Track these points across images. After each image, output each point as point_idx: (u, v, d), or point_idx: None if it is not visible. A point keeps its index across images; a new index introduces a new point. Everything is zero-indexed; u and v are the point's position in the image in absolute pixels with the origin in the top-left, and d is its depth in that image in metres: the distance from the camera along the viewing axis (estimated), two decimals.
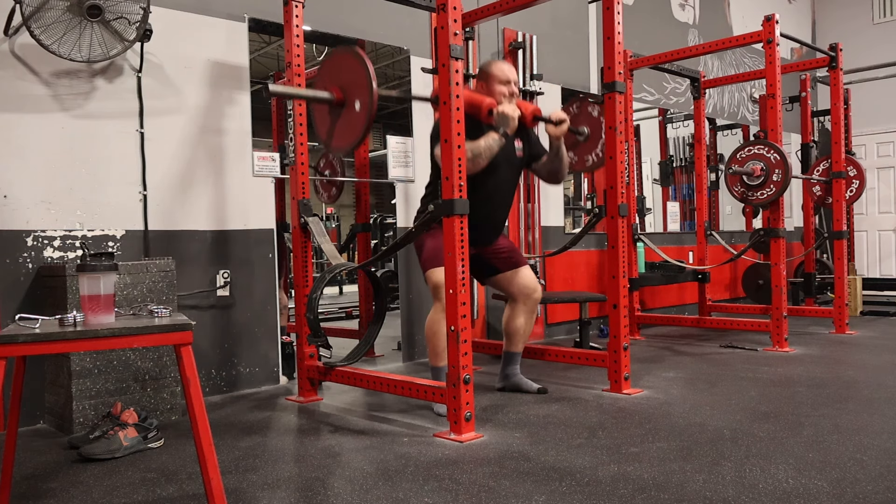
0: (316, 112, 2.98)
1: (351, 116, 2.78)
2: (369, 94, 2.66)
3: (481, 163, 3.02)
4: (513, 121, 3.02)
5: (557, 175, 3.37)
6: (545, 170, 3.39)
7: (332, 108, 2.85)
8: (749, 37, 4.66)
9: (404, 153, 4.28)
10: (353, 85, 2.76)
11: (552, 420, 2.85)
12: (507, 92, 3.20)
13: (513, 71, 3.26)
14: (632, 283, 4.86)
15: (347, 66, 2.77)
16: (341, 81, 2.81)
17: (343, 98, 2.81)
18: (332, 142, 2.91)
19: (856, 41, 7.71)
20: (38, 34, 2.83)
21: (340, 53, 2.86)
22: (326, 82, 2.87)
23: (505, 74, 3.22)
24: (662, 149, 6.50)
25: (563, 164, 3.32)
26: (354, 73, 2.74)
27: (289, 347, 3.81)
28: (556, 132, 3.21)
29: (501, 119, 3.02)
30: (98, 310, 1.86)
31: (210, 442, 1.80)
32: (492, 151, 3.02)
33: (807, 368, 3.81)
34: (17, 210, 2.99)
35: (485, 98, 3.11)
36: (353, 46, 2.81)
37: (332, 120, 2.88)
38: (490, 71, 3.24)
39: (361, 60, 2.69)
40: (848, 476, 2.09)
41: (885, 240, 8.09)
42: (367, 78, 2.66)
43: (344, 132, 2.84)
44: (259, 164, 3.66)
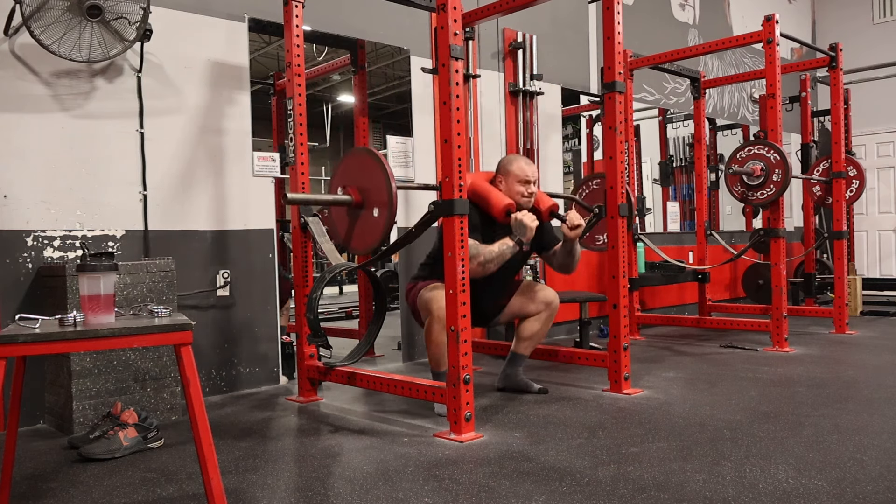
0: (333, 212, 3.02)
1: (369, 221, 2.82)
2: (389, 206, 2.70)
3: (491, 268, 3.01)
4: (530, 232, 3.00)
5: (568, 269, 3.36)
6: (556, 262, 3.38)
7: (351, 209, 2.89)
8: (749, 37, 4.66)
9: (404, 153, 4.28)
10: (372, 190, 2.79)
11: (552, 420, 2.85)
12: (525, 192, 3.17)
13: (533, 169, 3.21)
14: (632, 283, 4.86)
15: (368, 171, 2.80)
16: (360, 184, 2.84)
17: (361, 201, 2.84)
18: (351, 243, 2.96)
19: (856, 41, 7.71)
20: (38, 34, 2.83)
21: (361, 155, 2.90)
22: (345, 181, 2.90)
23: (525, 174, 3.17)
24: (662, 149, 6.50)
25: (575, 260, 3.31)
26: (374, 180, 2.77)
27: (289, 347, 3.81)
28: (571, 235, 3.18)
29: (519, 228, 3.00)
30: (98, 310, 1.86)
31: (210, 442, 1.80)
32: (503, 259, 3.02)
33: (807, 368, 3.81)
34: (17, 210, 2.99)
35: (503, 197, 3.09)
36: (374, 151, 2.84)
37: (350, 220, 2.92)
38: (510, 169, 3.20)
39: (383, 169, 2.73)
40: (848, 476, 2.09)
41: (885, 240, 8.09)
42: (388, 188, 2.69)
43: (362, 235, 2.88)
44: (259, 164, 3.66)
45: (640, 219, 5.52)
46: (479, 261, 2.95)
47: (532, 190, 3.19)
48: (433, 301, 2.98)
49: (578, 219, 3.16)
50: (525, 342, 3.38)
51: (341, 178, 2.96)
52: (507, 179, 3.20)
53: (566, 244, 3.27)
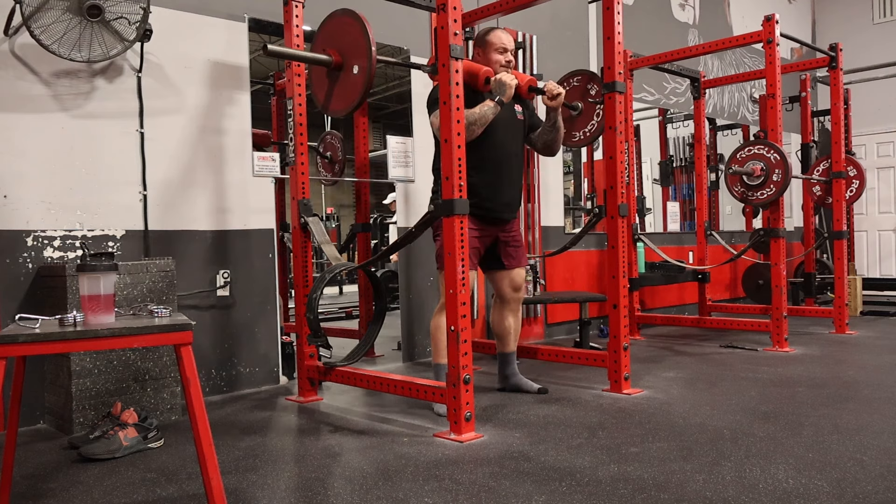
0: (314, 75, 2.99)
1: (349, 79, 2.78)
2: (368, 58, 2.66)
3: (476, 130, 3.02)
4: (509, 89, 3.02)
5: (553, 147, 3.40)
6: (541, 141, 3.41)
7: (331, 70, 2.85)
8: (749, 37, 4.66)
9: (404, 153, 4.28)
10: (351, 48, 2.75)
11: (552, 420, 2.85)
12: (503, 60, 3.21)
13: (510, 39, 3.26)
14: (632, 283, 4.86)
15: (346, 30, 2.77)
16: (340, 45, 2.81)
17: (342, 61, 2.81)
18: (330, 104, 2.92)
19: (856, 41, 7.71)
20: (38, 34, 2.83)
21: (340, 16, 2.86)
22: (325, 45, 2.87)
23: (502, 42, 3.22)
24: (662, 149, 6.50)
25: (559, 135, 3.35)
26: (353, 37, 2.73)
27: (289, 347, 3.81)
28: (552, 104, 3.22)
29: (498, 87, 3.03)
30: (98, 310, 1.86)
31: (210, 442, 1.80)
32: (486, 119, 3.03)
33: (807, 368, 3.81)
34: (17, 210, 2.99)
35: (482, 67, 3.12)
36: (352, 10, 2.80)
37: (330, 83, 2.89)
38: (487, 39, 3.24)
39: (361, 24, 2.69)
40: (848, 476, 2.09)
41: (885, 240, 8.09)
42: (367, 41, 2.65)
43: (342, 95, 2.85)
44: (259, 164, 3.66)
45: (640, 219, 5.52)
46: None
47: (510, 58, 3.24)
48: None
49: (558, 88, 3.19)
50: (506, 339, 3.41)
51: (322, 42, 2.92)
52: (486, 50, 3.24)
53: (549, 116, 3.30)
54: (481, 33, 3.30)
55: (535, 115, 3.46)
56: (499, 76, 3.05)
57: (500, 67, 3.20)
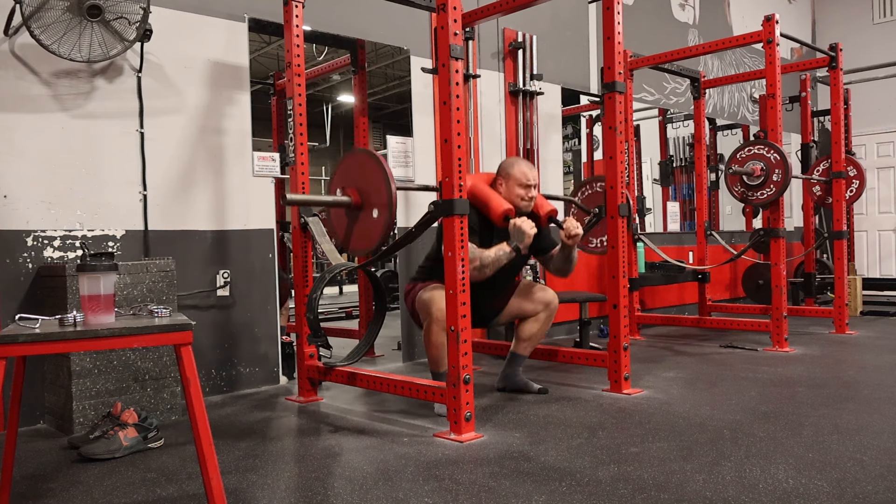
0: (333, 213, 3.03)
1: (369, 222, 2.82)
2: (388, 207, 2.70)
3: (487, 273, 3.01)
4: (528, 239, 3.00)
5: (564, 274, 3.37)
6: (552, 266, 3.39)
7: (350, 210, 2.89)
8: (749, 37, 4.66)
9: (404, 153, 4.28)
10: (371, 191, 2.80)
11: (552, 420, 2.85)
12: (525, 196, 3.17)
13: (534, 173, 3.21)
14: (632, 283, 4.86)
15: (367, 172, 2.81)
16: (360, 185, 2.85)
17: (360, 202, 2.85)
18: (350, 244, 2.97)
19: (856, 41, 7.71)
20: (38, 34, 2.83)
21: (361, 156, 2.90)
22: (345, 182, 2.90)
23: (527, 178, 3.17)
24: (662, 149, 6.50)
25: (572, 266, 3.33)
26: (374, 182, 2.77)
27: (289, 347, 3.81)
28: (569, 242, 3.20)
29: (517, 234, 3.00)
30: (98, 310, 1.86)
31: (210, 442, 1.80)
32: (499, 264, 3.02)
33: (807, 368, 3.81)
34: (17, 210, 2.99)
35: (503, 202, 3.09)
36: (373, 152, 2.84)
37: (349, 222, 2.93)
38: (511, 172, 3.20)
39: (382, 169, 2.73)
40: (848, 476, 2.09)
41: (885, 240, 8.09)
42: (388, 188, 2.70)
43: (362, 236, 2.89)
44: (259, 164, 3.66)
45: (640, 219, 5.52)
46: (476, 265, 2.95)
47: (532, 194, 3.19)
48: (432, 302, 2.99)
49: (577, 227, 3.16)
50: (524, 343, 3.38)
51: (340, 180, 2.97)
52: (508, 182, 3.19)
53: (564, 250, 3.28)
54: (505, 164, 3.26)
55: (548, 237, 3.40)
56: (519, 224, 3.00)
57: (522, 202, 3.16)
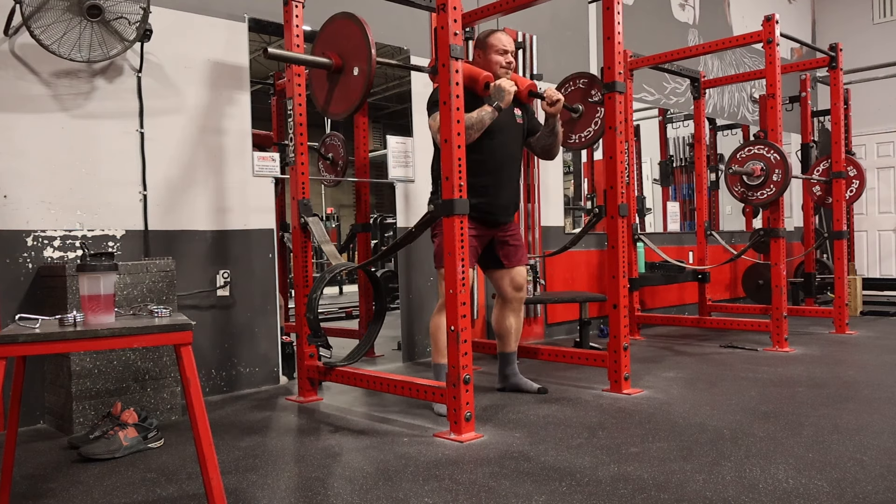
0: (314, 78, 2.99)
1: (349, 82, 2.79)
2: (368, 61, 2.67)
3: (473, 135, 3.01)
4: (508, 94, 3.02)
5: (551, 151, 3.40)
6: (539, 145, 3.41)
7: (331, 73, 2.86)
8: (749, 37, 4.66)
9: (404, 153, 4.28)
10: (352, 51, 2.76)
11: (552, 420, 2.85)
12: (503, 62, 3.20)
13: (510, 41, 3.24)
14: (632, 283, 4.86)
15: (347, 33, 2.77)
16: (340, 47, 2.81)
17: (341, 64, 2.82)
18: (330, 107, 2.93)
19: (856, 41, 7.71)
20: (38, 34, 2.83)
21: (340, 20, 2.86)
22: (325, 48, 2.87)
23: (503, 44, 3.21)
24: (662, 149, 6.50)
25: (558, 140, 3.35)
26: (354, 40, 2.74)
27: (289, 347, 3.81)
28: (552, 110, 3.22)
29: (497, 92, 3.03)
30: (98, 310, 1.86)
31: (210, 442, 1.80)
32: (483, 124, 3.03)
33: (807, 368, 3.81)
34: (17, 210, 2.99)
35: (482, 71, 3.11)
36: (352, 13, 2.81)
37: (329, 86, 2.89)
38: (488, 40, 3.23)
39: (361, 27, 2.70)
40: (848, 476, 2.09)
41: (885, 240, 8.09)
42: (367, 44, 2.66)
43: (342, 98, 2.86)
44: (259, 164, 3.66)
45: (640, 219, 5.52)
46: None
47: (510, 60, 3.22)
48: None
49: (557, 94, 3.20)
50: (507, 339, 3.40)
51: (321, 45, 2.92)
52: (486, 52, 3.22)
53: (548, 122, 3.30)
54: (481, 35, 3.29)
55: (534, 118, 3.45)
56: (498, 82, 3.04)
57: (501, 69, 3.19)
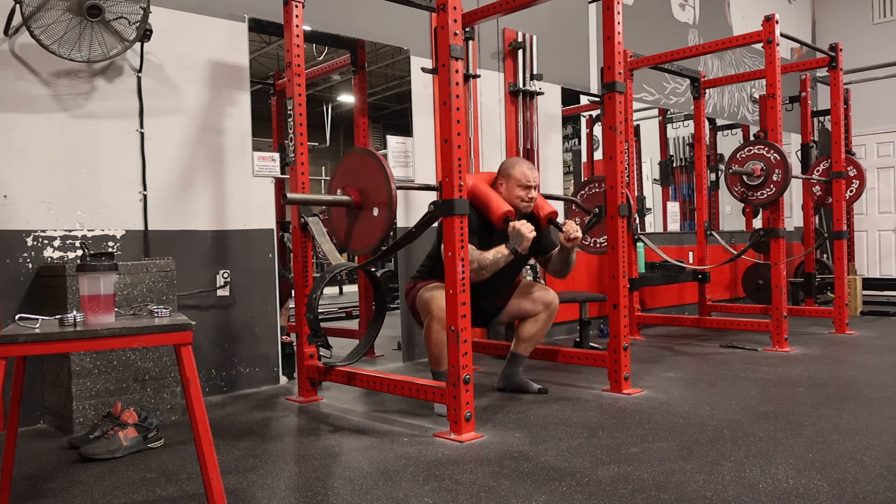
0: (333, 212, 3.03)
1: (369, 220, 2.82)
2: (388, 204, 2.70)
3: (485, 275, 3.01)
4: (526, 242, 3.00)
5: (562, 275, 3.37)
6: (551, 268, 3.39)
7: (350, 209, 2.89)
8: (749, 37, 4.66)
9: (404, 153, 4.28)
10: (372, 190, 2.79)
11: (552, 420, 2.85)
12: (525, 197, 3.16)
13: (535, 174, 3.20)
14: (632, 283, 4.86)
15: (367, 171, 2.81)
16: (360, 184, 2.85)
17: (361, 202, 2.85)
18: (351, 243, 2.97)
19: (856, 41, 7.71)
20: (38, 34, 2.83)
21: (361, 155, 2.90)
22: (345, 182, 2.90)
23: (527, 179, 3.16)
24: (662, 149, 6.50)
25: (570, 268, 3.33)
26: (374, 180, 2.77)
27: (289, 347, 3.81)
28: (568, 245, 3.19)
29: (516, 237, 3.00)
30: (98, 310, 1.86)
31: (210, 442, 1.80)
32: (497, 266, 3.01)
33: (807, 368, 3.81)
34: (17, 210, 2.99)
35: (503, 204, 3.09)
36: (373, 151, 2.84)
37: (349, 221, 2.93)
38: (511, 172, 3.19)
39: (382, 168, 2.73)
40: (848, 476, 2.09)
41: (885, 240, 8.09)
42: (387, 185, 2.69)
43: (362, 235, 2.89)
44: (259, 164, 3.66)
45: (640, 219, 5.52)
46: (474, 268, 2.94)
47: (532, 195, 3.18)
48: (433, 301, 2.99)
49: (576, 230, 3.16)
50: (524, 343, 3.38)
51: (341, 179, 2.97)
52: (508, 183, 3.19)
53: (562, 252, 3.27)
54: (506, 165, 3.25)
55: (547, 238, 3.39)
56: (518, 227, 2.99)
57: (522, 203, 3.15)
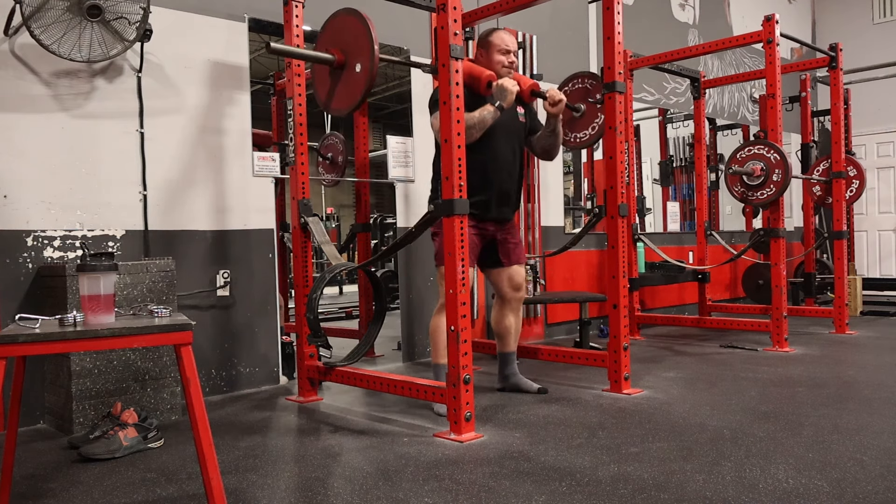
0: (316, 74, 2.99)
1: (351, 78, 2.78)
2: (371, 57, 2.66)
3: (475, 134, 3.01)
4: (510, 94, 3.02)
5: (551, 152, 3.40)
6: (539, 145, 3.40)
7: (333, 70, 2.86)
8: (749, 37, 4.66)
9: (404, 153, 4.28)
10: (354, 47, 2.75)
11: (552, 420, 2.85)
12: (506, 62, 3.20)
13: (513, 40, 3.25)
14: (632, 283, 4.86)
15: (349, 29, 2.77)
16: (343, 44, 2.81)
17: (344, 60, 2.81)
18: (332, 103, 2.91)
19: (856, 41, 7.71)
20: (38, 34, 2.83)
21: (342, 16, 2.85)
22: (328, 44, 2.87)
23: (505, 43, 3.21)
24: (662, 149, 6.50)
25: (558, 140, 3.35)
26: (356, 36, 2.74)
27: (289, 347, 3.81)
28: (553, 111, 3.22)
29: (499, 92, 3.03)
30: (98, 310, 1.86)
31: (210, 442, 1.80)
32: (485, 124, 3.03)
33: (807, 368, 3.81)
34: (17, 210, 2.99)
35: (484, 70, 3.10)
36: (355, 9, 2.81)
37: (332, 82, 2.89)
38: (490, 39, 3.23)
39: (364, 22, 2.69)
40: (848, 476, 2.09)
41: (885, 240, 8.09)
42: (369, 40, 2.66)
43: (344, 94, 2.85)
44: (259, 164, 3.66)
45: (640, 219, 5.52)
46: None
47: (512, 59, 3.22)
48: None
49: (559, 94, 3.20)
50: (507, 339, 3.40)
51: (324, 42, 2.92)
52: (489, 51, 3.22)
53: (549, 122, 3.29)
54: (484, 34, 3.29)
55: (535, 118, 3.45)
56: (501, 81, 3.03)
57: (503, 69, 3.19)
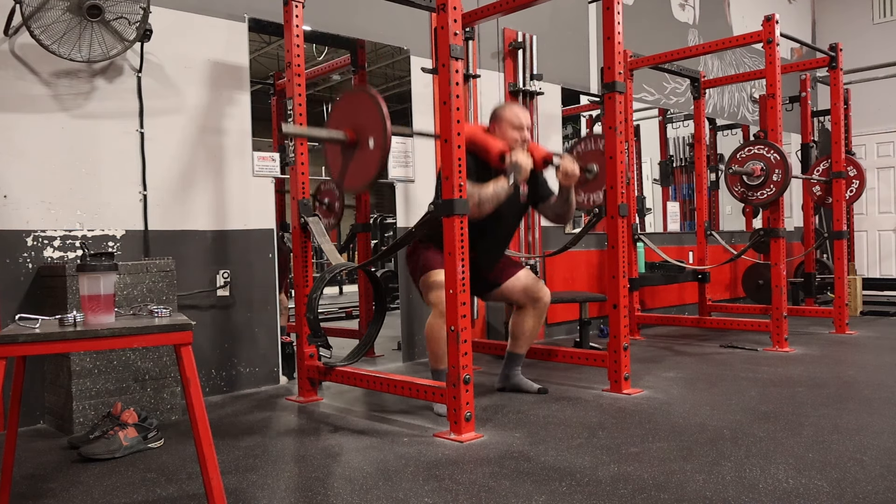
0: (328, 152, 3.00)
1: (364, 157, 2.79)
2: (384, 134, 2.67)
3: (486, 209, 3.00)
4: (525, 171, 2.99)
5: (564, 218, 3.37)
6: (552, 212, 3.38)
7: (345, 148, 2.87)
8: (749, 37, 4.66)
9: (404, 153, 4.28)
10: (366, 124, 2.77)
11: (552, 420, 2.85)
12: (519, 138, 3.16)
13: (527, 116, 3.22)
14: (632, 283, 4.86)
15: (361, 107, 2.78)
16: (355, 122, 2.82)
17: (356, 139, 2.82)
18: (345, 182, 2.92)
19: (856, 41, 7.71)
20: (38, 34, 2.83)
21: (354, 94, 2.88)
22: (340, 123, 2.88)
23: (518, 120, 3.17)
24: (662, 149, 6.50)
25: (572, 209, 3.32)
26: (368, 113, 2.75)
27: (289, 347, 3.81)
28: (567, 182, 3.20)
29: (514, 168, 2.99)
30: (98, 310, 1.86)
31: (210, 442, 1.80)
32: (499, 199, 3.01)
33: (807, 368, 3.81)
34: (17, 210, 2.99)
35: (497, 141, 3.09)
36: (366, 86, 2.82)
37: (344, 160, 2.90)
38: (503, 115, 3.20)
39: (375, 101, 2.71)
40: (848, 476, 2.09)
41: (885, 240, 8.09)
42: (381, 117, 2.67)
43: (357, 172, 2.85)
44: (259, 164, 3.67)
45: (640, 219, 5.52)
46: (475, 201, 2.92)
47: (525, 136, 3.20)
48: (437, 293, 2.98)
49: (573, 166, 3.17)
50: (520, 341, 3.39)
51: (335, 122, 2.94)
52: (501, 126, 3.20)
53: (562, 192, 3.28)
54: (498, 109, 3.26)
55: (545, 185, 3.40)
56: (515, 157, 2.99)
57: (516, 145, 3.15)
